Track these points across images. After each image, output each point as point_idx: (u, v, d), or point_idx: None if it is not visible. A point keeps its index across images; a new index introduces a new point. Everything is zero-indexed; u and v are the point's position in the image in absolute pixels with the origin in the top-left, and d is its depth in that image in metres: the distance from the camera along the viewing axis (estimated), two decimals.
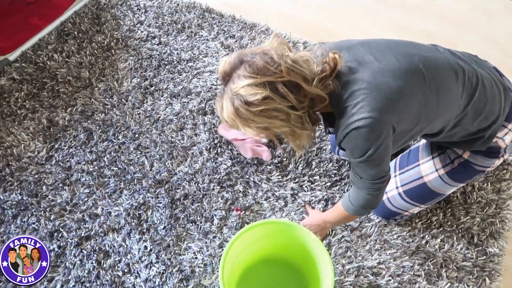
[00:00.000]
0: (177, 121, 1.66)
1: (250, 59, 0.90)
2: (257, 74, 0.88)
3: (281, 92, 0.88)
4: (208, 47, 1.92)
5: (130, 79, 1.79)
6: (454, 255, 1.38)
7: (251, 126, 0.94)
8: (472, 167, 1.20)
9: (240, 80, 0.89)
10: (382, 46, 1.00)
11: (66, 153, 1.57)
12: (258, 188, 1.50)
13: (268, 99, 0.88)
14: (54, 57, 1.84)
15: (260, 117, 0.91)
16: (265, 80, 0.87)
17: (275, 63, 0.88)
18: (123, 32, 1.97)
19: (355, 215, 1.16)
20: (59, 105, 1.70)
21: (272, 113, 0.90)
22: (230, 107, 0.92)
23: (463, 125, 1.06)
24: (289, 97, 0.89)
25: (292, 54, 0.92)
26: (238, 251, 1.21)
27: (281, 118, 0.92)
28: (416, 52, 1.00)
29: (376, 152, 0.95)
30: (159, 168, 1.54)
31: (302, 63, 0.91)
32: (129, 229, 1.40)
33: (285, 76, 0.88)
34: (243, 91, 0.88)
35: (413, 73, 0.96)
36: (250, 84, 0.87)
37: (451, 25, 2.12)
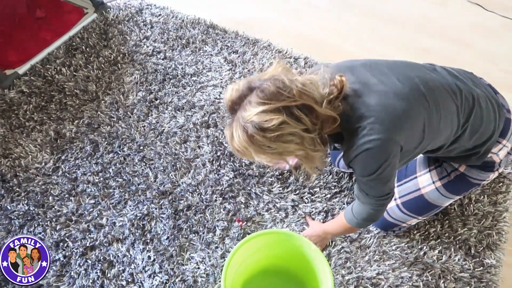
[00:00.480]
0: (181, 133, 1.71)
1: (260, 85, 0.90)
2: (270, 99, 0.87)
3: (296, 116, 0.88)
4: (211, 62, 1.97)
5: (136, 93, 1.84)
6: (452, 266, 1.40)
7: (266, 152, 0.93)
8: (468, 180, 1.24)
9: (253, 106, 0.88)
10: (384, 68, 1.04)
11: (73, 164, 1.61)
12: (259, 200, 1.53)
13: (284, 124, 0.87)
14: (62, 70, 1.90)
15: (276, 142, 0.90)
16: (280, 105, 0.87)
17: (287, 88, 0.88)
18: (129, 47, 2.03)
19: (357, 227, 1.19)
20: (66, 117, 1.75)
21: (288, 138, 0.90)
22: (242, 135, 0.91)
23: (461, 142, 1.11)
24: (304, 120, 0.89)
25: (300, 78, 0.93)
26: (240, 261, 1.24)
27: (296, 142, 0.92)
28: (417, 74, 1.04)
29: (385, 171, 0.99)
30: (163, 179, 1.57)
31: (311, 86, 0.92)
32: (133, 239, 1.43)
33: (298, 99, 0.88)
34: (257, 118, 0.87)
35: (416, 95, 1.00)
36: (265, 110, 0.86)
37: (449, 42, 2.18)
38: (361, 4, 2.39)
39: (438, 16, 2.33)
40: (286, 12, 2.32)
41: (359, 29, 2.24)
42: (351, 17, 2.31)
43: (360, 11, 2.34)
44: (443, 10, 2.38)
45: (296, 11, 2.33)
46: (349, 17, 2.30)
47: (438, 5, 2.40)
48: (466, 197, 1.55)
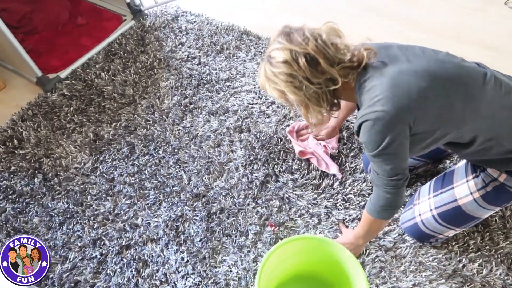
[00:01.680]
0: (215, 137, 1.73)
1: (288, 30, 1.02)
2: (287, 41, 1.00)
3: (299, 61, 0.98)
4: (245, 68, 1.99)
5: (171, 97, 1.88)
6: (493, 281, 1.34)
7: (274, 88, 1.06)
8: (508, 190, 1.19)
9: (275, 44, 1.03)
10: (419, 51, 1.05)
11: (110, 165, 1.66)
12: (292, 205, 1.52)
13: (287, 64, 0.99)
14: (101, 75, 1.97)
15: (279, 79, 1.02)
16: (291, 47, 0.98)
17: (305, 37, 0.99)
18: (165, 52, 2.08)
19: (378, 218, 1.16)
20: (104, 120, 1.80)
21: (288, 78, 1.01)
22: (262, 68, 1.07)
23: (499, 139, 1.06)
24: (305, 68, 0.98)
25: (326, 36, 1.00)
26: (273, 265, 1.23)
27: (295, 85, 1.02)
28: (451, 60, 1.03)
29: (389, 147, 0.99)
30: (196, 182, 1.59)
31: (331, 46, 1.00)
32: (167, 240, 1.45)
33: (309, 50, 0.97)
34: (273, 53, 1.02)
35: (440, 77, 0.99)
36: (279, 48, 1.00)
37: (486, 50, 2.12)
38: (392, 11, 2.36)
39: (475, 23, 2.27)
40: (318, 18, 2.32)
41: (392, 36, 2.21)
42: (385, 24, 2.28)
43: (393, 18, 2.31)
44: (481, 16, 2.32)
45: (329, 18, 2.32)
46: (384, 24, 2.28)
47: (476, 10, 2.34)
48: (509, 209, 1.49)
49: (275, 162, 1.63)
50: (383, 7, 2.39)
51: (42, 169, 1.65)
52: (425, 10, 2.36)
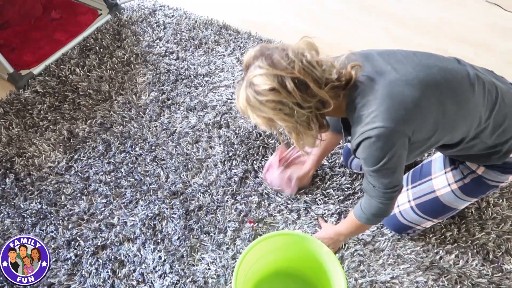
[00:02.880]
0: (193, 134, 1.70)
1: (269, 53, 0.95)
2: (270, 66, 0.92)
3: (288, 87, 0.92)
4: (224, 63, 1.97)
5: (148, 93, 1.84)
6: (469, 271, 1.36)
7: (258, 115, 0.99)
8: (485, 183, 1.20)
9: (256, 70, 0.94)
10: (401, 57, 1.02)
11: (85, 163, 1.62)
12: (271, 201, 1.51)
13: (275, 91, 0.92)
14: (76, 71, 1.92)
15: (267, 107, 0.95)
16: (276, 73, 0.92)
17: (289, 60, 0.92)
18: (142, 47, 2.04)
19: (367, 224, 1.16)
20: (79, 117, 1.76)
21: (277, 106, 0.95)
22: (243, 95, 0.99)
23: (482, 138, 1.06)
24: (295, 93, 0.92)
25: (310, 56, 0.94)
26: (251, 263, 1.22)
27: (285, 112, 0.95)
28: (436, 64, 1.01)
29: (389, 162, 0.96)
30: (174, 179, 1.57)
31: (317, 66, 0.94)
32: (144, 239, 1.43)
33: (296, 73, 0.91)
34: (255, 80, 0.94)
35: (430, 84, 0.97)
36: (262, 74, 0.93)
37: (466, 44, 2.13)
38: (375, 6, 2.36)
39: (454, 18, 2.29)
40: (299, 13, 2.31)
41: (374, 32, 2.21)
42: (366, 19, 2.28)
43: (375, 14, 2.31)
44: (460, 11, 2.33)
45: (310, 11, 2.31)
46: (364, 19, 2.28)
47: (455, 5, 2.36)
48: (484, 200, 1.51)
49: (254, 158, 1.62)
50: (362, 1, 2.39)
51: (14, 168, 1.60)
52: (404, 5, 2.37)
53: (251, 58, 0.97)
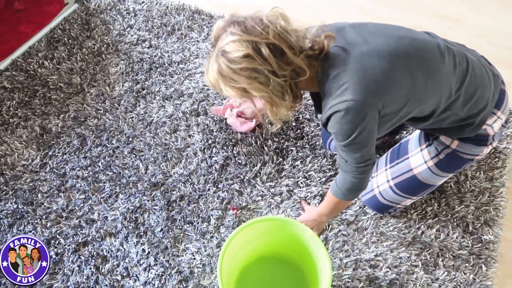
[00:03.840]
0: (170, 123, 1.67)
1: (241, 20, 0.92)
2: (243, 32, 0.89)
3: (263, 53, 0.89)
4: (199, 49, 1.92)
5: (122, 83, 1.79)
6: (450, 244, 1.39)
7: (232, 87, 0.95)
8: (460, 157, 1.21)
9: (228, 37, 0.91)
10: (373, 28, 1.01)
11: (60, 159, 1.57)
12: (253, 187, 1.50)
13: (249, 58, 0.89)
14: (44, 64, 1.84)
15: (241, 76, 0.92)
16: (250, 38, 0.88)
17: (263, 25, 0.90)
18: (113, 36, 1.97)
19: (344, 199, 1.15)
20: (51, 112, 1.70)
21: (252, 74, 0.91)
22: (214, 66, 0.94)
23: (454, 109, 1.07)
24: (270, 60, 0.90)
25: (284, 23, 0.93)
26: (236, 249, 1.21)
27: (260, 80, 0.92)
28: (406, 35, 1.01)
29: (360, 135, 0.96)
30: (154, 170, 1.54)
31: (292, 33, 0.93)
32: (126, 233, 1.40)
33: (271, 39, 0.89)
34: (228, 48, 0.90)
35: (401, 55, 0.96)
36: (235, 40, 0.89)
37: (439, 19, 2.14)
38: None
39: None
40: None
41: (348, 10, 2.19)
42: None
43: None
44: None
45: None
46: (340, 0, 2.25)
47: None
48: (462, 174, 1.53)
49: (234, 144, 1.60)
50: None
51: None
52: None
53: (221, 28, 0.94)
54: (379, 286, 1.31)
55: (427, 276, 1.33)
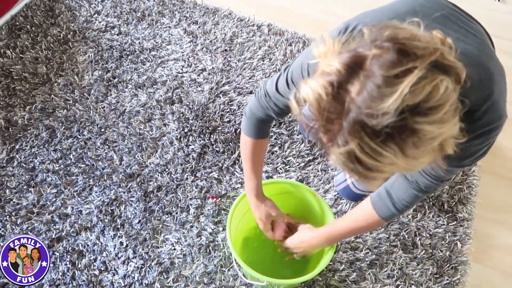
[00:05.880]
0: (144, 112, 1.62)
1: (363, 53, 0.56)
2: (411, 60, 0.54)
3: (453, 75, 0.58)
4: (171, 35, 1.86)
5: (91, 72, 1.72)
6: (426, 223, 1.42)
7: (425, 150, 0.57)
8: None
9: (385, 86, 0.53)
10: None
11: (29, 153, 1.50)
12: (232, 174, 1.48)
13: (449, 89, 0.56)
14: (6, 53, 1.74)
15: (445, 123, 0.56)
16: (428, 61, 0.55)
17: (410, 37, 0.57)
18: (79, 23, 1.88)
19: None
20: (16, 103, 1.61)
21: (452, 112, 0.57)
22: (388, 141, 0.54)
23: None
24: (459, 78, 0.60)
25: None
26: (242, 213, 1.23)
27: (452, 115, 0.58)
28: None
29: None
30: (129, 161, 1.49)
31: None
32: (102, 226, 1.36)
33: (436, 48, 0.57)
34: (412, 97, 0.53)
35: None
36: (420, 78, 0.53)
37: None
38: None
39: None
40: None
41: None
42: None
43: None
44: None
45: None
46: None
47: None
48: None
49: (211, 132, 1.57)
50: None
51: None
52: None
53: (334, 91, 0.56)
54: (359, 267, 1.33)
55: (405, 255, 1.36)
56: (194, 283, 1.27)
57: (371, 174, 0.58)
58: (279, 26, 1.93)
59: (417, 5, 0.79)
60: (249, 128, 1.06)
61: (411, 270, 1.33)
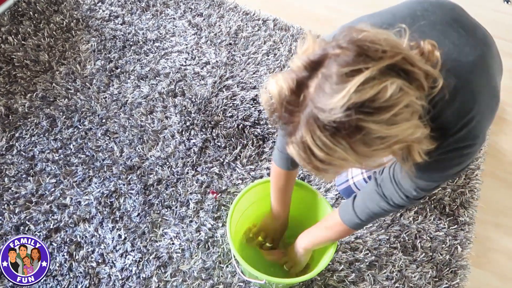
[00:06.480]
0: (146, 104, 1.60)
1: (326, 54, 0.60)
2: (364, 62, 0.57)
3: (410, 76, 0.60)
4: (175, 26, 1.84)
5: (94, 62, 1.70)
6: (427, 226, 1.41)
7: (375, 151, 0.60)
8: None
9: (340, 82, 0.56)
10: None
11: (28, 142, 1.48)
12: (233, 170, 1.47)
13: (401, 92, 0.57)
14: (8, 39, 1.72)
15: (394, 125, 0.58)
16: (383, 64, 0.57)
17: (372, 42, 0.60)
18: (83, 11, 1.86)
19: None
20: (17, 91, 1.59)
21: (403, 115, 0.59)
22: (335, 136, 0.58)
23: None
24: (419, 82, 0.61)
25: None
26: (244, 208, 1.22)
27: (406, 118, 0.60)
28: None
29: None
30: (129, 153, 1.48)
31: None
32: (101, 218, 1.35)
33: (398, 52, 0.60)
34: (360, 96, 0.55)
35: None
36: (368, 78, 0.56)
37: None
38: None
39: None
40: None
41: None
42: None
43: None
44: None
45: None
46: None
47: None
48: None
49: (213, 126, 1.55)
50: None
51: None
52: None
53: (296, 85, 0.61)
54: (358, 268, 1.32)
55: (405, 257, 1.35)
56: (192, 279, 1.27)
57: (323, 166, 0.62)
58: (285, 22, 1.90)
59: (420, 9, 0.77)
60: (281, 160, 1.04)
61: (411, 273, 1.33)
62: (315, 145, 0.59)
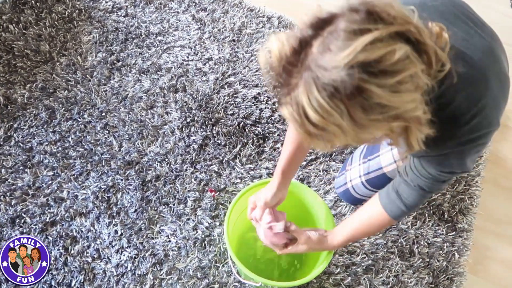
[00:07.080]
0: (147, 98, 1.58)
1: (339, 13, 0.60)
2: (375, 22, 0.55)
3: (417, 46, 0.59)
4: (178, 20, 1.82)
5: (95, 54, 1.68)
6: (425, 232, 1.40)
7: (375, 120, 0.57)
8: None
9: (346, 40, 0.54)
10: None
11: (27, 133, 1.47)
12: (232, 168, 1.46)
13: (407, 60, 0.56)
14: (9, 28, 1.70)
15: (397, 93, 0.56)
16: (393, 29, 0.55)
17: (384, 7, 0.58)
18: (86, 2, 1.83)
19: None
20: (16, 81, 1.58)
21: (406, 85, 0.56)
22: (334, 96, 0.54)
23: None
24: (427, 53, 0.60)
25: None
26: (240, 210, 1.20)
27: (410, 89, 0.58)
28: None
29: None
30: (128, 148, 1.47)
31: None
32: (97, 213, 1.34)
33: (408, 22, 0.60)
34: (366, 55, 0.53)
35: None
36: (377, 38, 0.54)
37: None
38: None
39: None
40: None
41: None
42: None
43: None
44: None
45: None
46: None
47: None
48: None
49: (213, 123, 1.54)
50: None
51: None
52: None
53: (303, 38, 0.59)
54: (355, 272, 1.31)
55: (402, 262, 1.34)
56: (187, 277, 1.26)
57: (315, 131, 0.58)
58: (290, 19, 1.88)
59: (430, 0, 0.77)
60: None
61: (407, 278, 1.32)
62: (310, 107, 0.56)
